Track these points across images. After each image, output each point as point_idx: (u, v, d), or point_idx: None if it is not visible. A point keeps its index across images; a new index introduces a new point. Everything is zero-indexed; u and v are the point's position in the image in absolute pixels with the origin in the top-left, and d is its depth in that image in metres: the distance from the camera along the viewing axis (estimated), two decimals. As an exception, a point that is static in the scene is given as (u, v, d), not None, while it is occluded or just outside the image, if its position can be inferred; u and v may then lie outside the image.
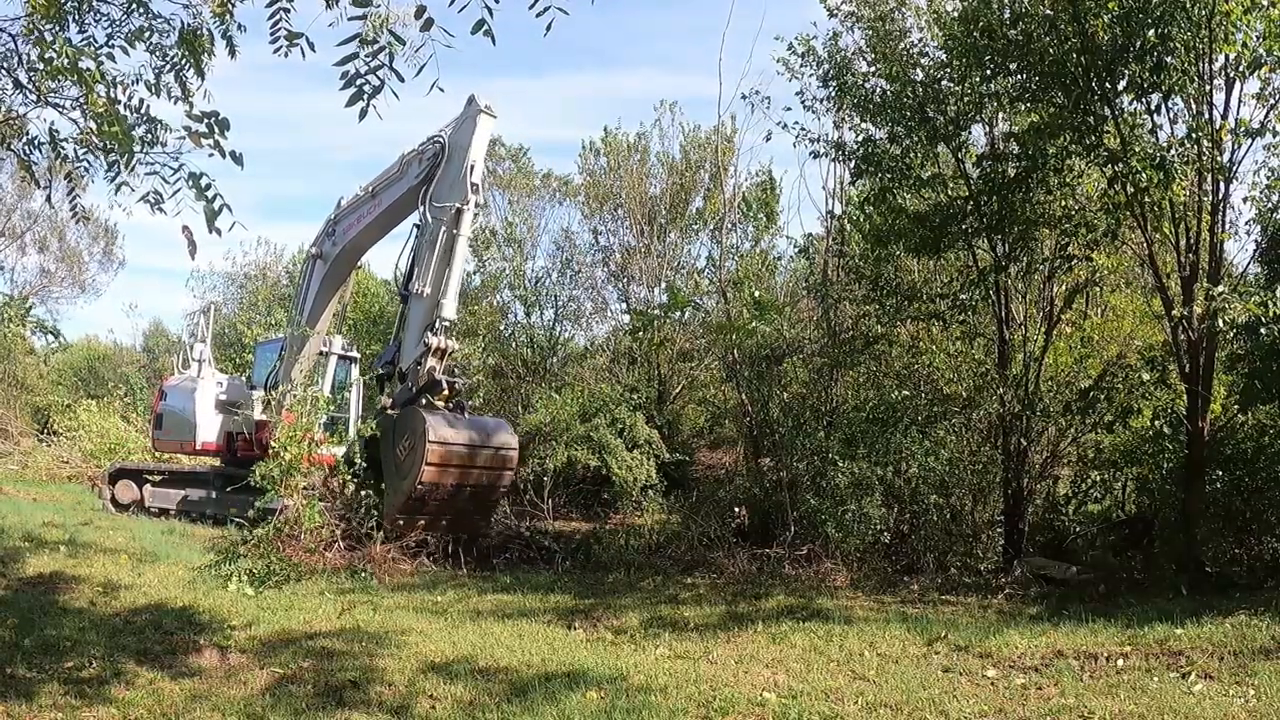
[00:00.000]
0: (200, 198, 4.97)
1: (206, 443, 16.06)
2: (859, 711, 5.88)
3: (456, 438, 11.74)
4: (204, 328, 17.94)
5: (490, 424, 12.96)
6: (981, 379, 12.09)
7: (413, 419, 11.75)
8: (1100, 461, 11.98)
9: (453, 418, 12.00)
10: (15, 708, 5.39)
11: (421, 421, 11.53)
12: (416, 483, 11.48)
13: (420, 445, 11.44)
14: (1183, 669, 6.60)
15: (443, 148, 12.42)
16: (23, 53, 6.00)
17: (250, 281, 32.88)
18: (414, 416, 11.76)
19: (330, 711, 5.68)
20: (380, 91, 4.15)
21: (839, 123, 13.09)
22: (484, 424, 12.74)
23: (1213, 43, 9.32)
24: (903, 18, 12.09)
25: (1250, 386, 10.19)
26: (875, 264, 13.24)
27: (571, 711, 5.71)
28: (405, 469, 11.77)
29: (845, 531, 11.56)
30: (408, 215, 13.21)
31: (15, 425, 25.86)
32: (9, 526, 11.34)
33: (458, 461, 11.78)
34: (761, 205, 22.88)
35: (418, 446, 11.50)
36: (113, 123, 4.95)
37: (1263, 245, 10.16)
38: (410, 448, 11.68)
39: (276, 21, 4.43)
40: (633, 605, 9.57)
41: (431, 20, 3.93)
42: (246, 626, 7.73)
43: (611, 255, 24.59)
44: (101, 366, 32.43)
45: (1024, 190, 10.95)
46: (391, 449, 12.07)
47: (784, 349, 14.67)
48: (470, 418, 12.46)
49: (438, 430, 11.52)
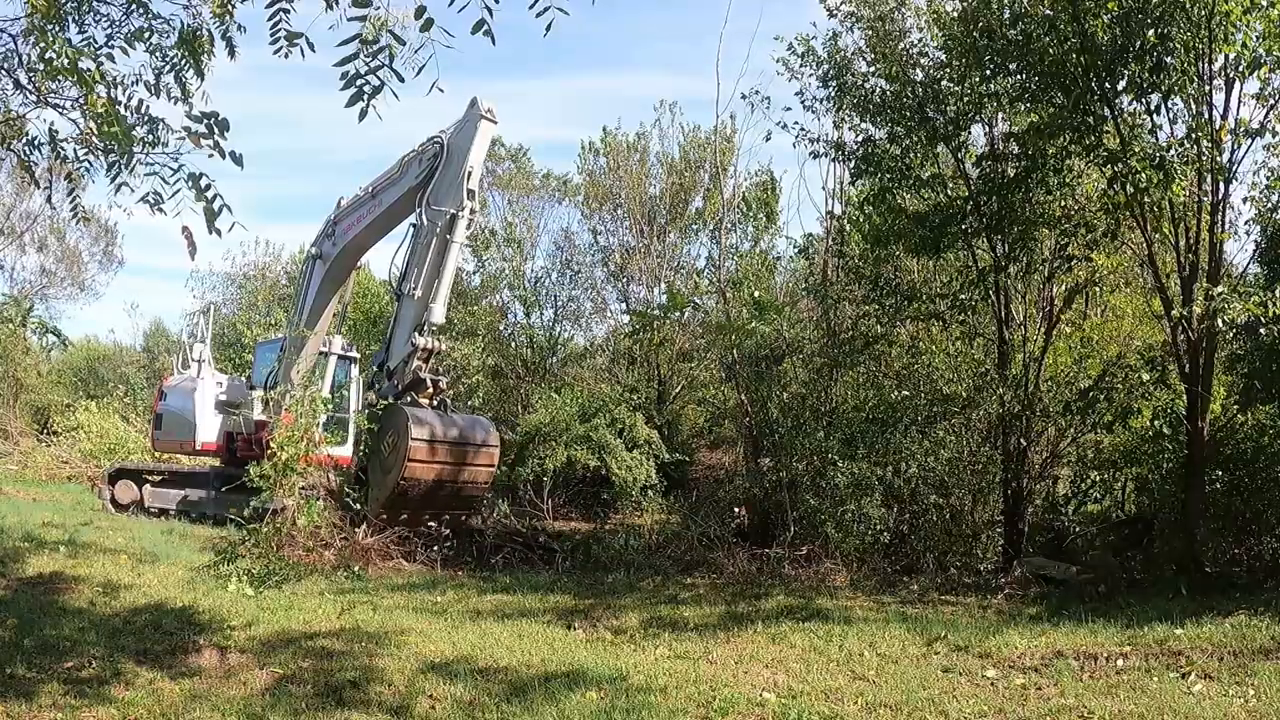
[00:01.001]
0: (200, 198, 4.97)
1: (206, 443, 16.07)
2: (859, 711, 5.88)
3: (438, 434, 11.94)
4: (204, 328, 17.94)
5: (471, 422, 13.16)
6: (981, 379, 12.08)
7: (396, 416, 11.95)
8: (1100, 461, 11.98)
9: (435, 415, 12.20)
10: (15, 708, 5.39)
11: (404, 418, 11.74)
12: (399, 478, 11.70)
13: (403, 442, 11.65)
14: (1183, 669, 6.60)
15: (443, 148, 12.44)
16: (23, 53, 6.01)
17: (250, 281, 32.85)
18: (397, 414, 11.97)
19: (330, 711, 5.68)
20: (380, 92, 4.16)
21: (839, 123, 13.09)
22: (466, 422, 12.92)
23: (1212, 43, 9.32)
24: (902, 18, 12.11)
25: (1250, 386, 10.20)
26: (875, 264, 13.25)
27: (571, 711, 5.71)
28: (389, 464, 11.99)
29: (845, 531, 11.57)
30: (407, 216, 13.24)
31: (15, 425, 25.85)
32: (9, 526, 11.34)
33: (439, 458, 11.97)
34: (761, 205, 22.90)
35: (400, 443, 11.71)
36: (113, 123, 4.95)
37: (1262, 245, 10.17)
38: (393, 445, 11.89)
39: (276, 22, 4.43)
40: (632, 605, 9.57)
41: (431, 20, 3.93)
42: (246, 626, 7.73)
43: (611, 255, 24.62)
44: (101, 366, 32.41)
45: (1024, 190, 10.96)
46: (377, 445, 12.26)
47: (783, 349, 14.67)
48: (452, 416, 12.63)
49: (420, 427, 11.73)
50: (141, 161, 5.17)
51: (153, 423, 17.65)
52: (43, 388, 28.26)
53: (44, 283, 30.78)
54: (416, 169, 12.83)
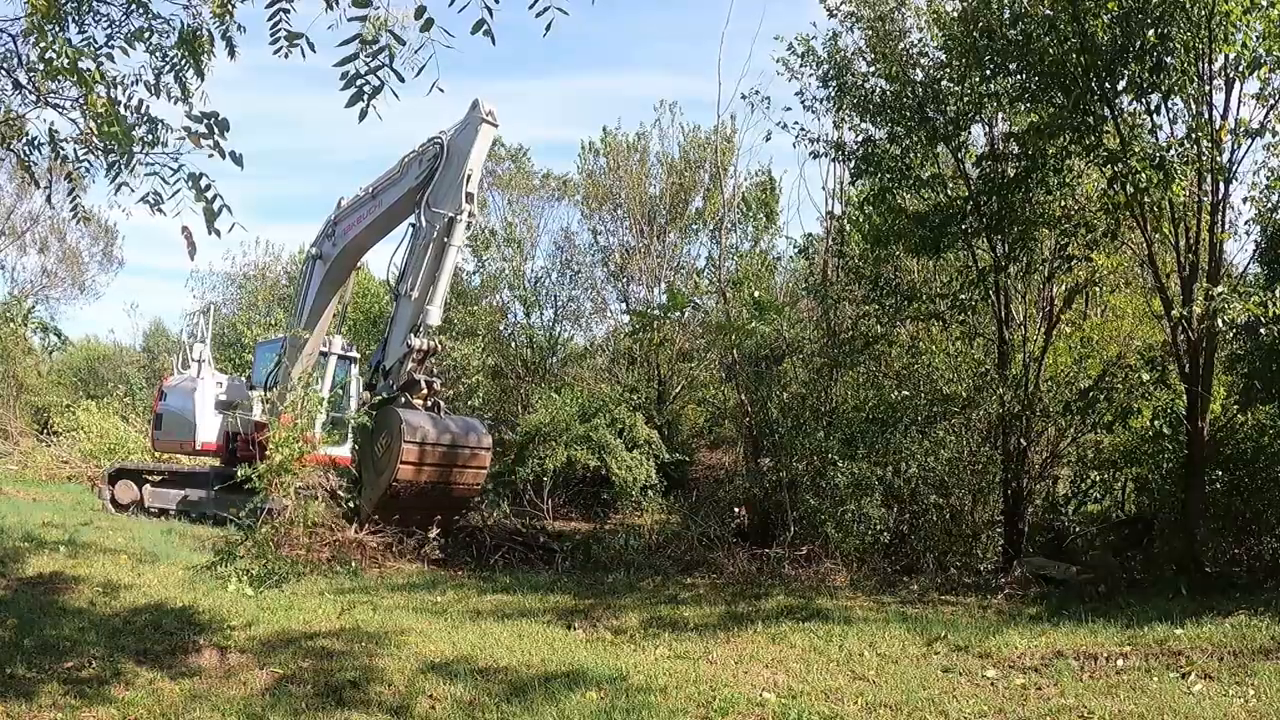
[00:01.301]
0: (200, 198, 4.97)
1: (206, 443, 16.08)
2: (859, 711, 5.88)
3: (430, 438, 11.95)
4: (204, 328, 17.95)
5: (465, 424, 13.20)
6: (981, 379, 12.09)
7: (390, 417, 12.00)
8: (1100, 461, 11.98)
9: (429, 417, 12.23)
10: (15, 707, 5.39)
11: (398, 420, 11.78)
12: (392, 479, 11.74)
13: (397, 443, 11.69)
14: (1182, 669, 6.60)
15: (443, 149, 12.45)
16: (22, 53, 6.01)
17: (250, 282, 32.86)
18: (391, 415, 12.02)
19: (330, 711, 5.68)
20: (380, 92, 4.16)
21: (839, 123, 13.09)
22: (459, 424, 12.97)
23: (1212, 43, 9.32)
24: (902, 18, 12.11)
25: (1250, 386, 10.20)
26: (875, 264, 13.26)
27: (571, 711, 5.71)
28: (381, 465, 12.03)
29: (845, 531, 11.57)
30: (406, 217, 13.25)
31: (15, 425, 25.84)
32: (9, 526, 11.34)
33: (432, 460, 12.01)
34: (761, 205, 22.90)
35: (394, 444, 11.74)
36: (113, 123, 4.95)
37: (1262, 245, 10.17)
38: (386, 446, 11.93)
39: (276, 22, 4.43)
40: (632, 605, 9.57)
41: (431, 20, 3.93)
42: (246, 626, 7.72)
43: (611, 255, 24.61)
44: (101, 366, 32.40)
45: (1024, 190, 10.96)
46: (371, 445, 12.31)
47: (783, 349, 14.67)
48: (446, 419, 12.67)
49: (414, 429, 11.77)
50: (141, 162, 5.17)
51: (152, 423, 17.65)
52: (43, 388, 28.26)
53: (45, 283, 30.81)
54: (416, 170, 12.82)
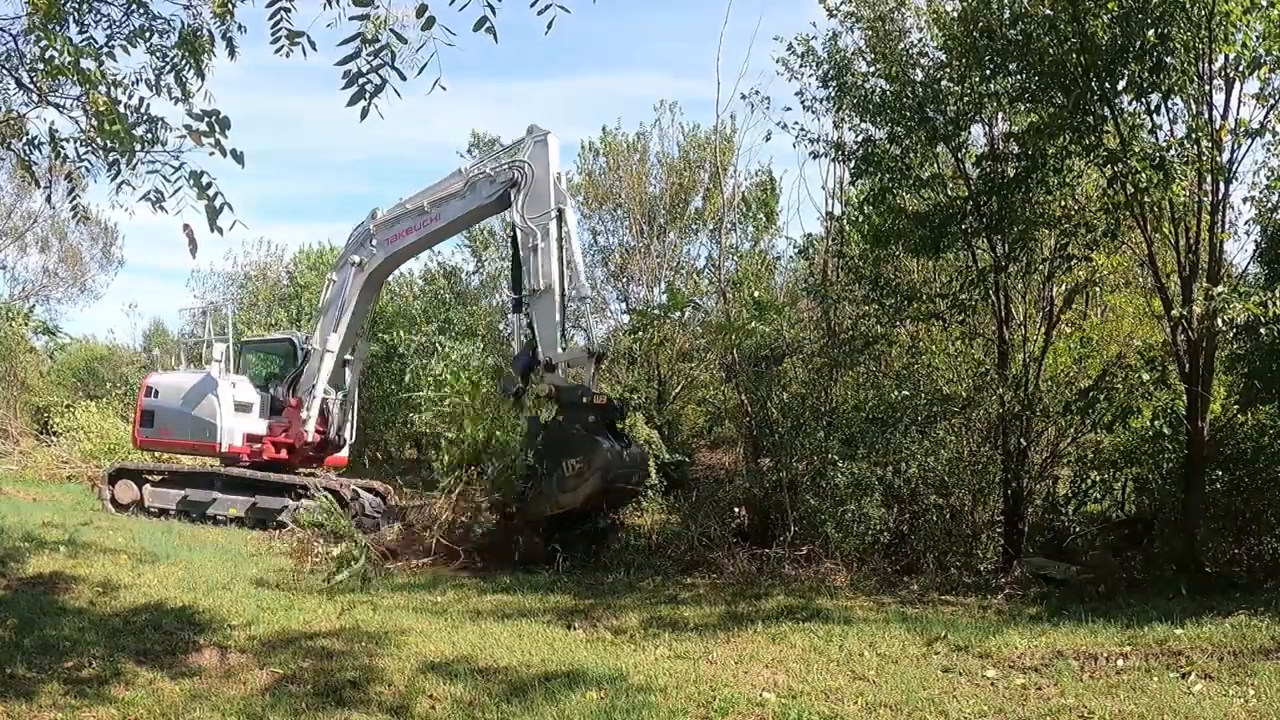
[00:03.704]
0: (201, 196, 4.97)
1: (233, 446, 15.82)
2: (859, 711, 5.88)
3: (622, 475, 12.27)
4: (227, 326, 17.94)
5: (641, 456, 13.56)
6: (981, 379, 12.08)
7: (591, 448, 11.94)
8: (1100, 461, 11.97)
9: (622, 450, 12.42)
10: (15, 707, 5.39)
11: (601, 455, 11.84)
12: (573, 504, 12.05)
13: (592, 476, 11.83)
14: (1183, 669, 6.60)
15: (521, 173, 13.10)
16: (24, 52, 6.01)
17: (250, 281, 32.83)
18: (593, 446, 11.95)
19: (330, 711, 5.69)
20: (382, 90, 4.16)
21: (839, 123, 13.08)
22: (638, 456, 13.32)
23: (1212, 43, 9.32)
24: (902, 18, 12.08)
25: (1250, 386, 10.19)
26: (875, 264, 13.23)
27: (571, 711, 5.72)
28: (569, 485, 12.02)
29: (845, 532, 11.56)
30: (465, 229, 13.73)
31: (15, 425, 25.81)
32: (9, 526, 11.36)
33: (612, 490, 12.36)
34: (761, 205, 22.88)
35: (589, 475, 11.85)
36: (113, 122, 4.96)
37: (1262, 245, 10.16)
38: (579, 471, 11.93)
39: (277, 22, 4.44)
40: (632, 605, 9.57)
41: (433, 19, 3.94)
42: (246, 626, 7.74)
43: (611, 255, 24.59)
44: (101, 367, 32.35)
45: (1024, 190, 10.95)
46: (557, 456, 12.19)
47: (783, 349, 14.66)
48: (630, 451, 12.89)
49: (612, 467, 11.96)
50: (142, 160, 5.18)
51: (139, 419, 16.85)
52: (43, 388, 28.22)
53: (45, 283, 30.79)
54: (488, 189, 13.37)
